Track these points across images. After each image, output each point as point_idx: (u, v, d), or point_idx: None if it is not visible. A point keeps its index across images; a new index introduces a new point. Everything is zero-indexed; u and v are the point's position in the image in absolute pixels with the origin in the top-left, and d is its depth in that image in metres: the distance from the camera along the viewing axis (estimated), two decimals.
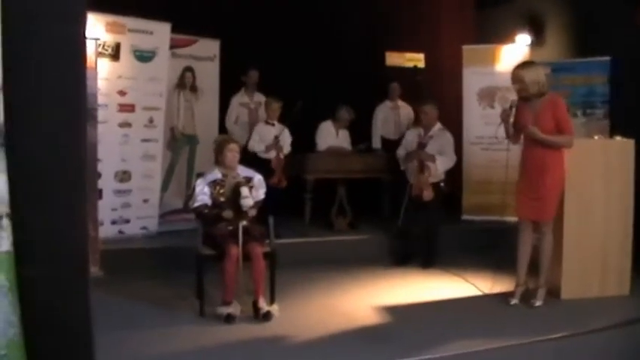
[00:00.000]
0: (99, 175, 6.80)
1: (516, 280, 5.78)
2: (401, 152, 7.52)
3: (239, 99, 8.41)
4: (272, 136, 7.55)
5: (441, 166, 7.22)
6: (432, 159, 7.19)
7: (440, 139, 7.33)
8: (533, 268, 5.77)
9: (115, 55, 7.19)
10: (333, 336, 4.83)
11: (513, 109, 5.64)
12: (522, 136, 5.69)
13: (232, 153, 5.48)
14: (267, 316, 5.07)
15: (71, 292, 3.37)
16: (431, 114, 7.35)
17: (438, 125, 7.41)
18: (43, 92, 3.20)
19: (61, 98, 3.27)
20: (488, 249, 7.36)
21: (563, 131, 5.47)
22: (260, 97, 8.23)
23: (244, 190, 5.26)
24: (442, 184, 7.35)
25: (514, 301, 5.68)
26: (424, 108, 7.38)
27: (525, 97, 5.53)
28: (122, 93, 7.26)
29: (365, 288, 6.27)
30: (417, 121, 7.87)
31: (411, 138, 7.48)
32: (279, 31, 8.97)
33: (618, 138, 6.18)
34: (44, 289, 3.18)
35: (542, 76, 5.56)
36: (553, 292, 5.85)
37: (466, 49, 9.10)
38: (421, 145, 7.28)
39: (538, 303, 5.64)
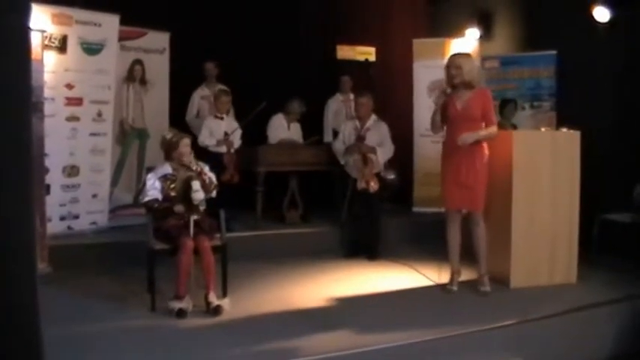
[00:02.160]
0: (46, 170, 6.65)
1: (451, 269, 5.98)
2: (339, 146, 7.51)
3: (200, 92, 8.35)
4: (222, 130, 7.50)
5: (381, 157, 7.28)
6: (374, 151, 7.24)
7: (377, 130, 7.38)
8: (471, 256, 5.93)
9: (62, 47, 7.05)
10: (284, 328, 4.82)
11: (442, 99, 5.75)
12: (445, 127, 5.84)
13: (188, 148, 5.45)
14: (218, 310, 5.05)
15: (18, 289, 3.30)
16: (367, 105, 7.37)
17: (374, 117, 7.45)
18: None
19: (5, 91, 3.20)
20: (438, 240, 7.43)
21: (489, 122, 5.66)
22: (223, 88, 8.05)
23: (195, 184, 5.24)
24: (392, 177, 7.41)
25: (454, 289, 5.87)
26: (360, 100, 7.40)
27: (454, 86, 5.66)
28: (70, 86, 7.13)
29: (316, 280, 6.29)
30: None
31: (349, 131, 7.49)
32: (230, 23, 8.93)
33: (565, 130, 6.30)
34: None
35: (476, 69, 5.90)
36: (502, 281, 5.95)
37: (416, 42, 9.18)
38: (360, 138, 7.32)
39: (486, 289, 5.78)
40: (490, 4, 9.43)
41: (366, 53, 9.61)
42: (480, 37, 9.23)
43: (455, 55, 5.90)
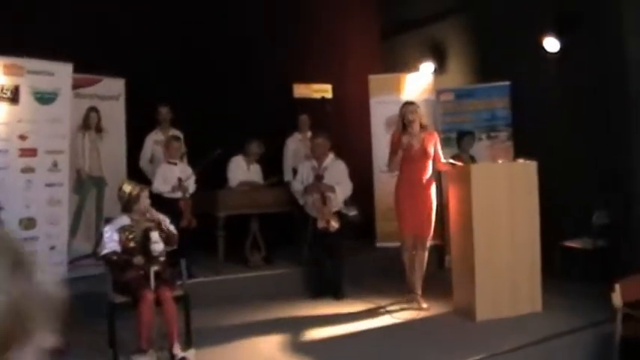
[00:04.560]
0: (1, 223, 6.51)
1: (414, 290, 6.57)
2: (297, 186, 7.53)
3: (153, 137, 8.22)
4: (175, 176, 7.36)
5: (340, 195, 7.33)
6: (332, 189, 7.27)
7: (335, 168, 7.43)
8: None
9: (14, 98, 6.92)
10: None
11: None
12: (400, 163, 6.49)
13: (146, 200, 5.39)
14: None
15: None
16: (323, 145, 7.45)
17: (331, 156, 7.51)
18: None
19: None
20: (402, 274, 7.49)
21: (438, 158, 6.50)
22: (176, 133, 8.05)
23: (154, 235, 5.17)
24: (354, 214, 7.45)
25: (425, 305, 6.45)
26: (316, 140, 7.50)
27: (411, 129, 6.44)
28: (23, 137, 6.99)
29: (282, 325, 6.19)
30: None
31: (307, 171, 7.52)
32: (186, 66, 8.89)
33: (521, 160, 6.37)
34: None
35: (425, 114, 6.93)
36: (468, 315, 5.95)
37: (372, 78, 9.25)
38: (319, 177, 7.34)
39: (423, 305, 6.43)
40: (443, 38, 9.57)
41: (323, 91, 9.65)
42: (434, 70, 9.34)
43: (409, 102, 6.77)
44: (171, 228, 5.43)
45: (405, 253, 6.59)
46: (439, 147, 6.57)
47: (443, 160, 6.56)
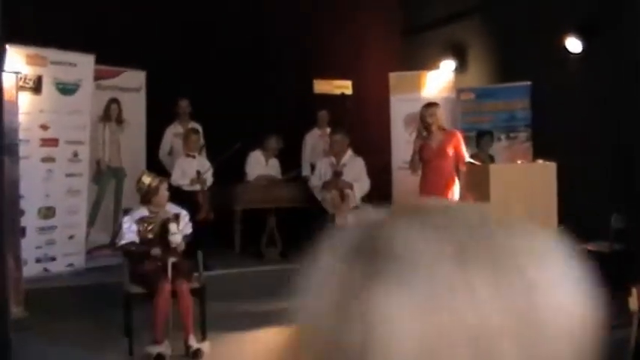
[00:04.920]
0: (21, 213, 6.57)
1: None
2: (315, 182, 7.55)
3: (173, 129, 8.29)
4: (194, 169, 7.44)
5: (358, 192, 7.32)
6: (351, 186, 7.27)
7: (353, 165, 7.43)
8: None
9: (37, 88, 7.01)
10: None
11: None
12: (422, 164, 6.51)
13: (165, 193, 5.42)
14: (198, 354, 4.99)
15: None
16: (342, 142, 7.46)
17: (350, 152, 7.50)
18: None
19: None
20: None
21: (461, 157, 6.41)
22: (195, 126, 8.10)
23: (173, 227, 5.19)
24: None
25: None
26: (334, 137, 7.52)
27: (430, 131, 6.44)
28: (44, 127, 7.07)
29: None
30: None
31: (325, 167, 7.53)
32: (207, 60, 8.92)
33: (541, 161, 6.32)
34: None
35: (444, 115, 6.81)
36: None
37: (392, 75, 9.23)
38: (337, 174, 7.34)
39: None
40: (464, 37, 9.50)
41: (343, 87, 9.61)
42: (455, 69, 9.29)
43: (428, 104, 6.71)
44: (187, 228, 5.46)
45: None
46: (462, 146, 6.53)
47: (467, 159, 6.50)
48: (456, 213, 0.59)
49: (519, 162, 6.70)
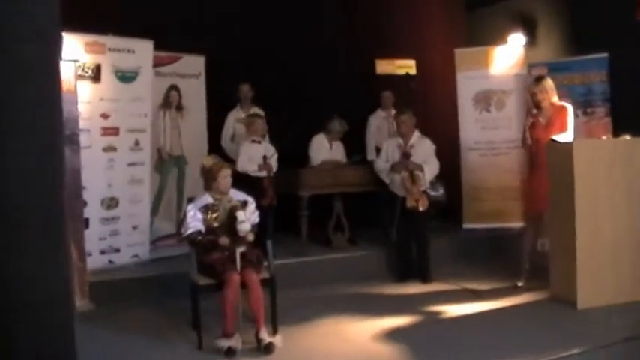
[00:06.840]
0: (84, 204, 6.45)
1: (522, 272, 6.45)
2: (382, 165, 7.31)
3: (235, 115, 8.16)
4: (260, 155, 7.32)
5: (428, 174, 7.09)
6: (421, 168, 7.03)
7: (421, 146, 7.18)
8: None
9: (96, 76, 6.86)
10: None
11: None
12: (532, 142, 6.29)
13: (226, 179, 5.18)
14: (270, 348, 4.75)
15: (56, 334, 3.10)
16: (409, 122, 7.20)
17: (417, 133, 7.25)
18: (14, 120, 2.91)
19: (34, 126, 2.98)
20: (490, 257, 7.41)
21: (562, 130, 6.14)
22: (257, 111, 7.93)
23: (241, 215, 4.96)
24: (440, 193, 7.20)
25: (520, 283, 6.40)
26: (401, 117, 7.25)
27: (540, 108, 6.31)
28: (105, 116, 6.93)
29: (369, 309, 5.92)
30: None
31: (392, 149, 7.29)
32: (266, 43, 8.70)
33: (626, 137, 5.93)
34: (26, 333, 2.92)
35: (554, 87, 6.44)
36: (569, 302, 5.60)
37: (458, 52, 8.85)
38: (406, 155, 7.08)
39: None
40: (531, 8, 9.10)
41: (406, 67, 9.31)
42: (525, 43, 8.87)
43: (538, 79, 6.52)
44: (255, 217, 5.26)
45: (528, 234, 6.53)
46: (568, 120, 6.19)
47: (567, 132, 6.15)
48: None
49: (604, 137, 6.35)
